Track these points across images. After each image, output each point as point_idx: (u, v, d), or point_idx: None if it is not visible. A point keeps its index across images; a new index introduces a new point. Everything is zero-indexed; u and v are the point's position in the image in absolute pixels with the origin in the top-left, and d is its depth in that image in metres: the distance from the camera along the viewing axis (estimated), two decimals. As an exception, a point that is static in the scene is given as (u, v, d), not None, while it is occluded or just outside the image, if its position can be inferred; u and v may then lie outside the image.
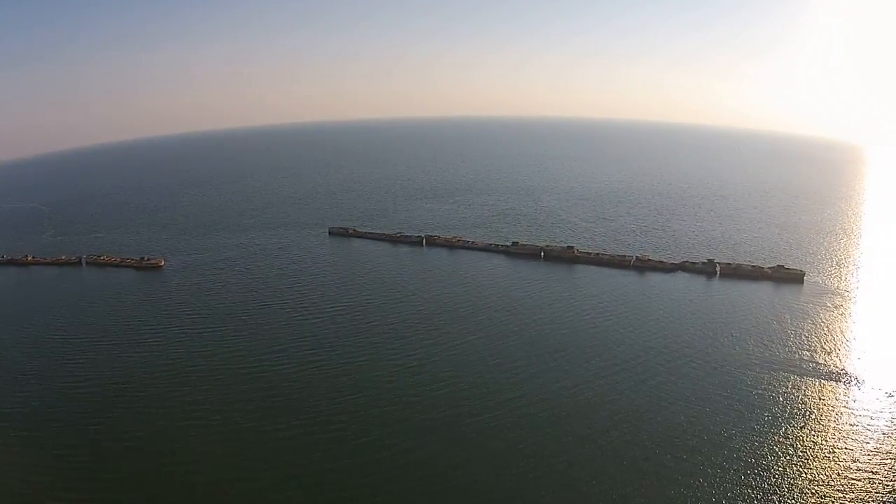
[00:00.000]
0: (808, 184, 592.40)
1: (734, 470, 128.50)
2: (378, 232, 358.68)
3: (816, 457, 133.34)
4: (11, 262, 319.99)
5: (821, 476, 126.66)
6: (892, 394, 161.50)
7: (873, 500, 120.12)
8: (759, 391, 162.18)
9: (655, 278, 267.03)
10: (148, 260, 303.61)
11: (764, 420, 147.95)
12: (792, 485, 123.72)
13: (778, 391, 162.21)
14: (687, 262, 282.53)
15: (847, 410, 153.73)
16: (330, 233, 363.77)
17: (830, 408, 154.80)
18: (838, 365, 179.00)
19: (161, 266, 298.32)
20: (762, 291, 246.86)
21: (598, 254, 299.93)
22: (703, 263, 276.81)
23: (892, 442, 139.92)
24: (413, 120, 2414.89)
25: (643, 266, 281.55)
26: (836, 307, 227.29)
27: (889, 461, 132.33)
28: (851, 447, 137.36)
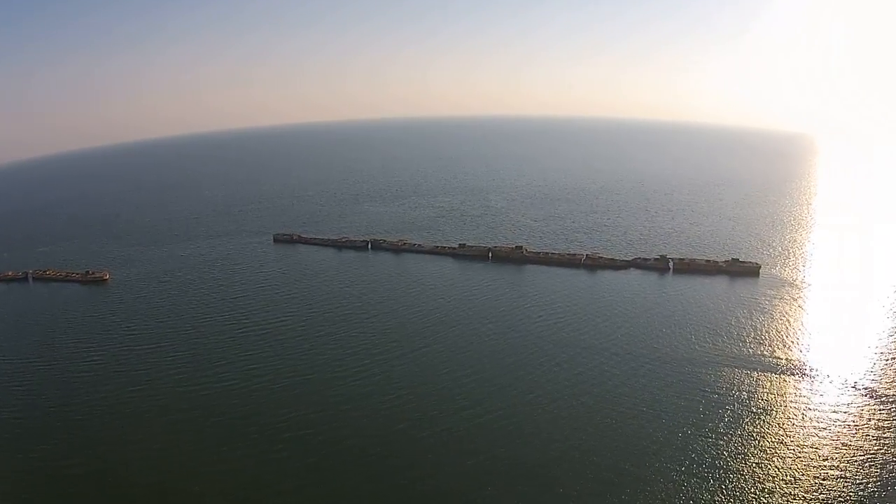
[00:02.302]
0: (761, 176, 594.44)
1: (699, 473, 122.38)
2: (323, 237, 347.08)
3: (783, 454, 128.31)
4: None
5: (789, 474, 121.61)
6: (857, 385, 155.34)
7: (845, 496, 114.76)
8: (720, 389, 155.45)
9: (607, 276, 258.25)
10: (92, 273, 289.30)
11: (727, 419, 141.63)
12: (760, 485, 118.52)
13: (739, 388, 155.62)
14: (639, 258, 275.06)
15: (812, 405, 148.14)
16: (275, 240, 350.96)
17: (794, 403, 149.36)
18: (799, 358, 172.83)
19: (106, 280, 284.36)
20: (718, 286, 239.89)
21: (547, 253, 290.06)
22: (656, 259, 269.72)
23: (860, 435, 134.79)
24: (359, 122, 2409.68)
25: (594, 264, 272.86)
26: (793, 299, 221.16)
27: (858, 455, 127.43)
28: (818, 442, 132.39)
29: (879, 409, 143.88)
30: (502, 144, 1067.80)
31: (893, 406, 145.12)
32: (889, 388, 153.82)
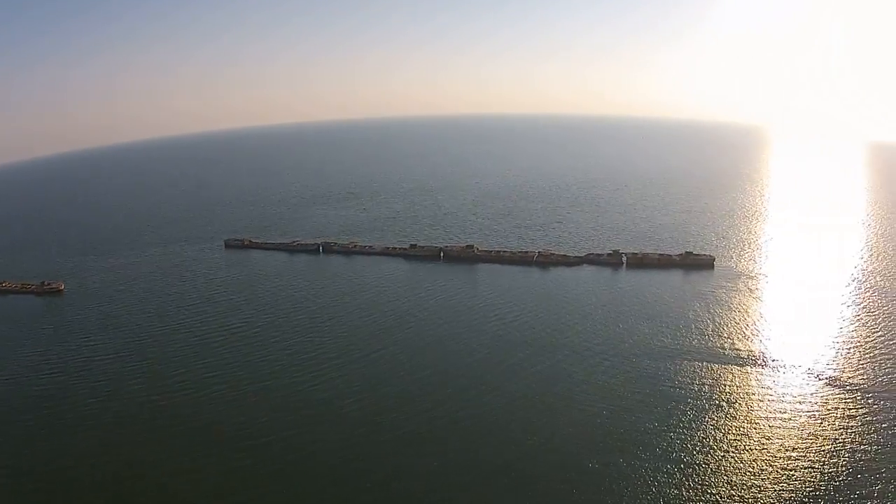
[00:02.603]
0: (712, 168, 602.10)
1: (664, 468, 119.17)
2: (274, 242, 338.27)
3: (750, 446, 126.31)
4: None
5: (756, 465, 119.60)
6: (819, 375, 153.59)
7: (814, 485, 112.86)
8: (681, 383, 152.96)
9: (560, 273, 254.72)
10: (48, 284, 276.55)
11: (690, 412, 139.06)
12: (727, 477, 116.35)
13: (701, 381, 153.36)
14: (592, 254, 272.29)
15: (775, 396, 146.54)
16: (226, 245, 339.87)
17: (758, 394, 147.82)
18: (760, 349, 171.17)
19: (61, 290, 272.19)
20: (673, 279, 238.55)
21: (499, 251, 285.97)
22: (609, 255, 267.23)
23: (826, 424, 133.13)
24: (326, 123, 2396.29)
25: (546, 261, 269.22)
26: (750, 291, 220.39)
27: (826, 445, 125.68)
28: (784, 433, 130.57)
29: (844, 398, 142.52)
30: (451, 145, 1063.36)
31: (857, 395, 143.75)
32: (852, 377, 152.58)
